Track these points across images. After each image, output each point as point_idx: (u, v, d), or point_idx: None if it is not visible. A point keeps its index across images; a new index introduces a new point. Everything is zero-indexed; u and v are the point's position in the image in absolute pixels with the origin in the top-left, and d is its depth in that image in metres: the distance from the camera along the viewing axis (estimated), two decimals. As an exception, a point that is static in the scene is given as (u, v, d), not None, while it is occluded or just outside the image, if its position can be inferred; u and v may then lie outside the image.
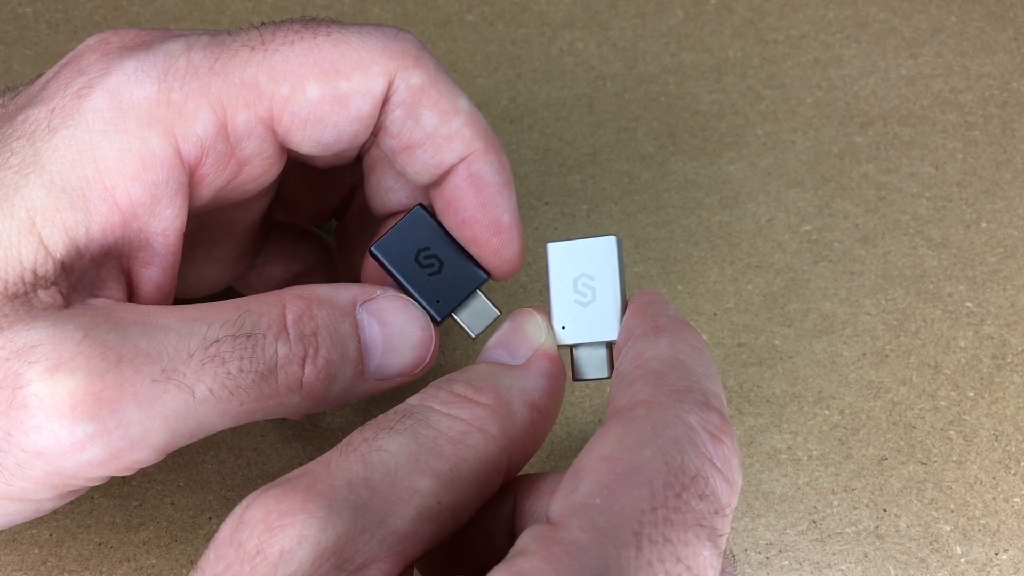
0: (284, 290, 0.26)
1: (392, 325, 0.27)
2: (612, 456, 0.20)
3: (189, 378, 0.23)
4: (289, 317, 0.25)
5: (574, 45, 0.45)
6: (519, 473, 0.25)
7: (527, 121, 0.42)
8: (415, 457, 0.21)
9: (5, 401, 0.22)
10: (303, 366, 0.25)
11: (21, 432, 0.22)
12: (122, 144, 0.24)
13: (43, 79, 0.26)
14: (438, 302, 0.28)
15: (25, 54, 0.44)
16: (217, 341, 0.24)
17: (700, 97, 0.43)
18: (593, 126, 0.42)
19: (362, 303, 0.26)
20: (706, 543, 0.19)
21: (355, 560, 0.19)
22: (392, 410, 0.23)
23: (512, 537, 0.24)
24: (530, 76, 0.44)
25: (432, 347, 0.27)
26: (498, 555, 0.19)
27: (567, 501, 0.19)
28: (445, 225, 0.28)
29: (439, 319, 0.28)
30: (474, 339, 0.29)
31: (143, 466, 0.24)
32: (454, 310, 0.28)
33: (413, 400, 0.23)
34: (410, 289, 0.27)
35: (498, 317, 0.28)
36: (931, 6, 0.46)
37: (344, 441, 0.22)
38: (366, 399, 0.27)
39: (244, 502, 0.20)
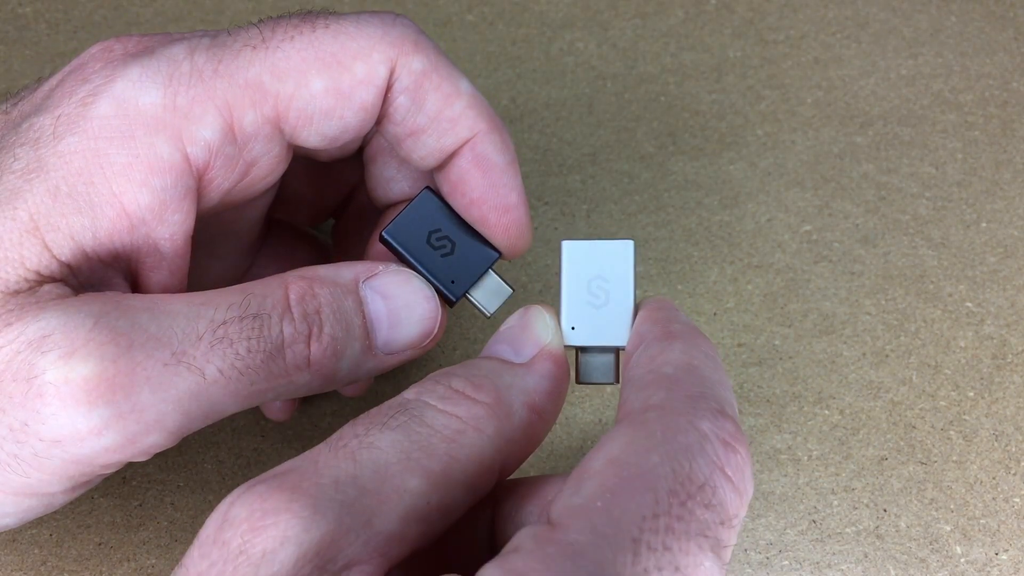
0: (287, 272, 0.26)
1: (396, 298, 0.27)
2: (618, 459, 0.20)
3: (199, 360, 0.23)
4: (292, 297, 0.25)
5: (574, 45, 0.45)
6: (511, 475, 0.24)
7: (527, 121, 0.42)
8: (407, 455, 0.21)
9: (21, 392, 0.22)
10: (309, 344, 0.25)
11: (38, 421, 0.22)
12: (129, 150, 0.24)
13: (46, 87, 0.26)
14: (452, 283, 0.28)
15: (25, 54, 0.44)
16: (224, 323, 0.24)
17: (700, 97, 0.43)
18: (593, 126, 0.42)
19: (365, 280, 0.26)
20: (708, 554, 0.19)
21: (338, 561, 0.19)
22: (386, 404, 0.23)
23: (491, 541, 0.24)
24: (530, 76, 0.44)
25: (439, 318, 0.27)
26: (476, 559, 0.19)
27: (569, 502, 0.19)
28: (453, 207, 0.28)
29: (454, 299, 0.28)
30: (489, 317, 0.29)
31: (159, 450, 0.24)
32: (468, 290, 0.28)
33: (409, 394, 0.23)
34: (424, 271, 0.27)
35: (511, 295, 0.28)
36: (931, 6, 0.46)
37: (335, 435, 0.22)
38: (379, 375, 0.27)
39: (229, 498, 0.20)
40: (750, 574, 0.31)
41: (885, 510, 0.32)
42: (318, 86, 0.25)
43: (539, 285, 0.38)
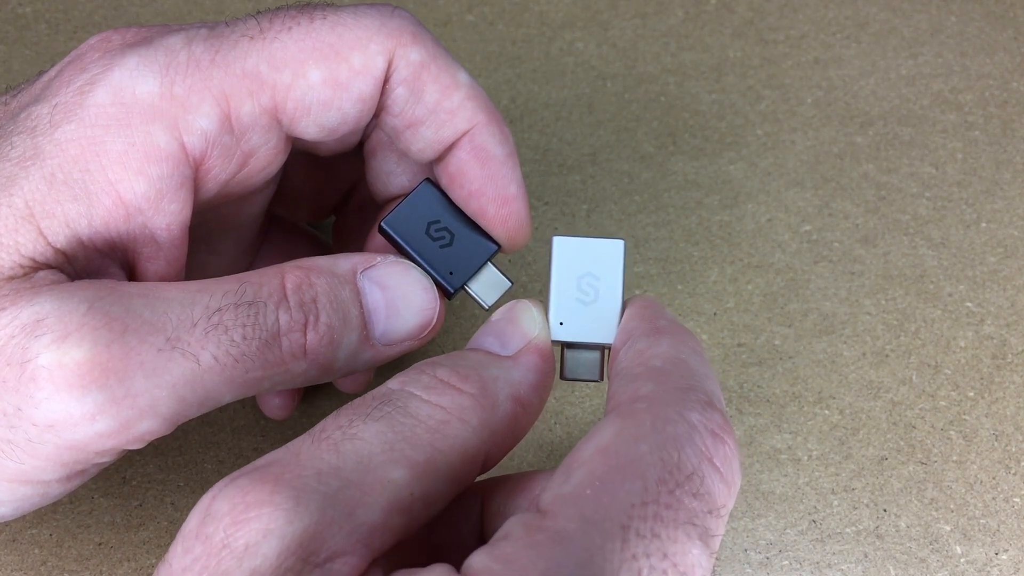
0: (284, 263, 0.26)
1: (394, 289, 0.26)
2: (607, 449, 0.20)
3: (193, 346, 0.23)
4: (288, 286, 0.25)
5: (574, 45, 0.45)
6: (495, 469, 0.24)
7: (527, 121, 0.42)
8: (390, 446, 0.21)
9: (14, 377, 0.22)
10: (305, 333, 0.25)
11: (31, 406, 0.22)
12: (126, 139, 0.24)
13: (45, 77, 0.26)
14: (451, 274, 0.28)
15: (25, 54, 0.44)
16: (219, 310, 0.24)
17: (700, 97, 0.43)
18: (593, 126, 0.42)
19: (363, 270, 0.26)
20: (696, 542, 0.19)
21: (321, 553, 0.19)
22: (370, 394, 0.23)
23: (481, 538, 0.24)
24: (530, 76, 0.44)
25: (437, 310, 0.27)
26: (465, 555, 0.19)
27: (558, 491, 0.19)
28: (452, 199, 0.28)
29: (452, 291, 0.28)
30: (487, 309, 0.28)
31: (153, 437, 0.24)
32: (466, 282, 0.28)
33: (393, 384, 0.23)
34: (422, 262, 0.27)
35: (510, 287, 0.28)
36: (931, 6, 0.46)
37: (317, 427, 0.22)
38: (377, 366, 0.27)
39: (211, 492, 0.20)
40: (750, 574, 0.31)
41: (885, 510, 0.32)
42: (315, 76, 0.25)
43: (538, 285, 0.38)
